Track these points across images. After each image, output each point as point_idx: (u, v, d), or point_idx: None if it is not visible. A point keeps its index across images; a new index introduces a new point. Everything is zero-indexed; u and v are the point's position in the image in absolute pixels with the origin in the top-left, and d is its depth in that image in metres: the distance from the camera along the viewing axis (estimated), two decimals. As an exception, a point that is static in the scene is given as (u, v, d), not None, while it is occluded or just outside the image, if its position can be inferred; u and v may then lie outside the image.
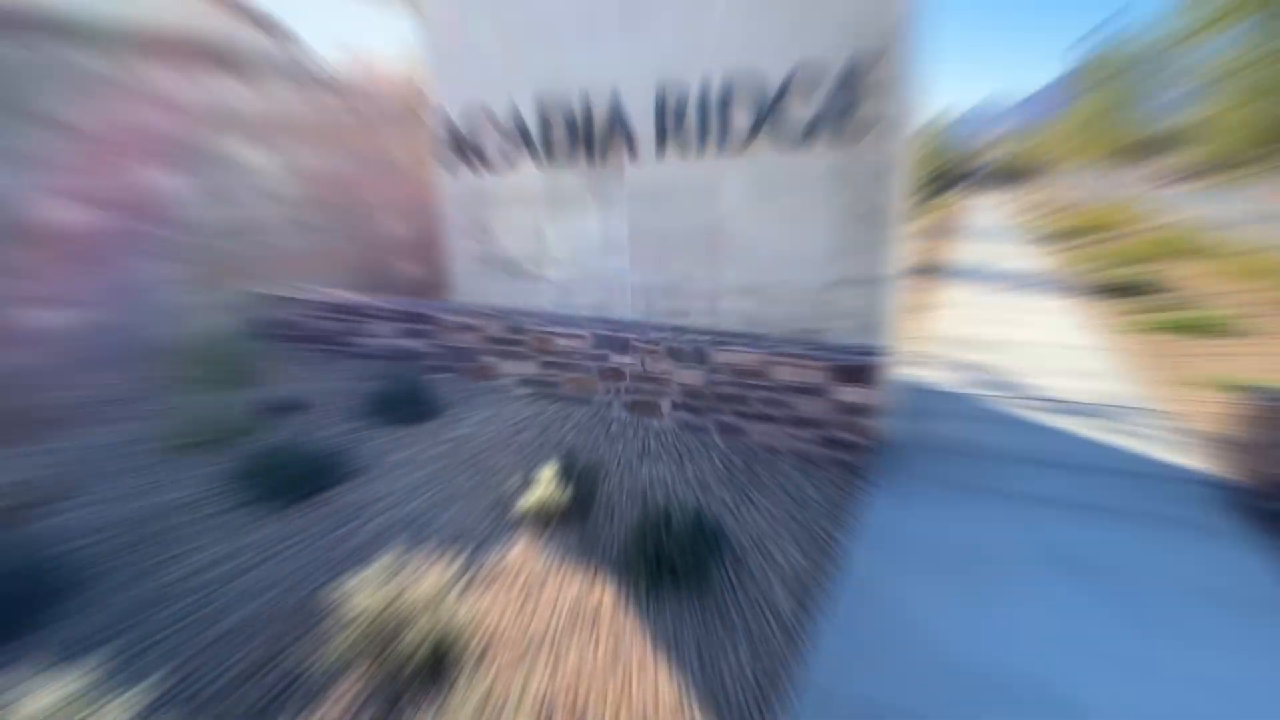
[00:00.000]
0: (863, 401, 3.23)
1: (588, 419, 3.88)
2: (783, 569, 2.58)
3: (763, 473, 3.32)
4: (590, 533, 2.80)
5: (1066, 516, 2.87)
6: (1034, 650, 2.09)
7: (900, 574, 2.52)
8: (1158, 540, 2.66)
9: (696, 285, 4.01)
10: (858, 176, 3.44)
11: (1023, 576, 2.47)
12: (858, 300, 3.55)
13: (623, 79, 3.95)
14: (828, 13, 3.32)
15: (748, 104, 3.62)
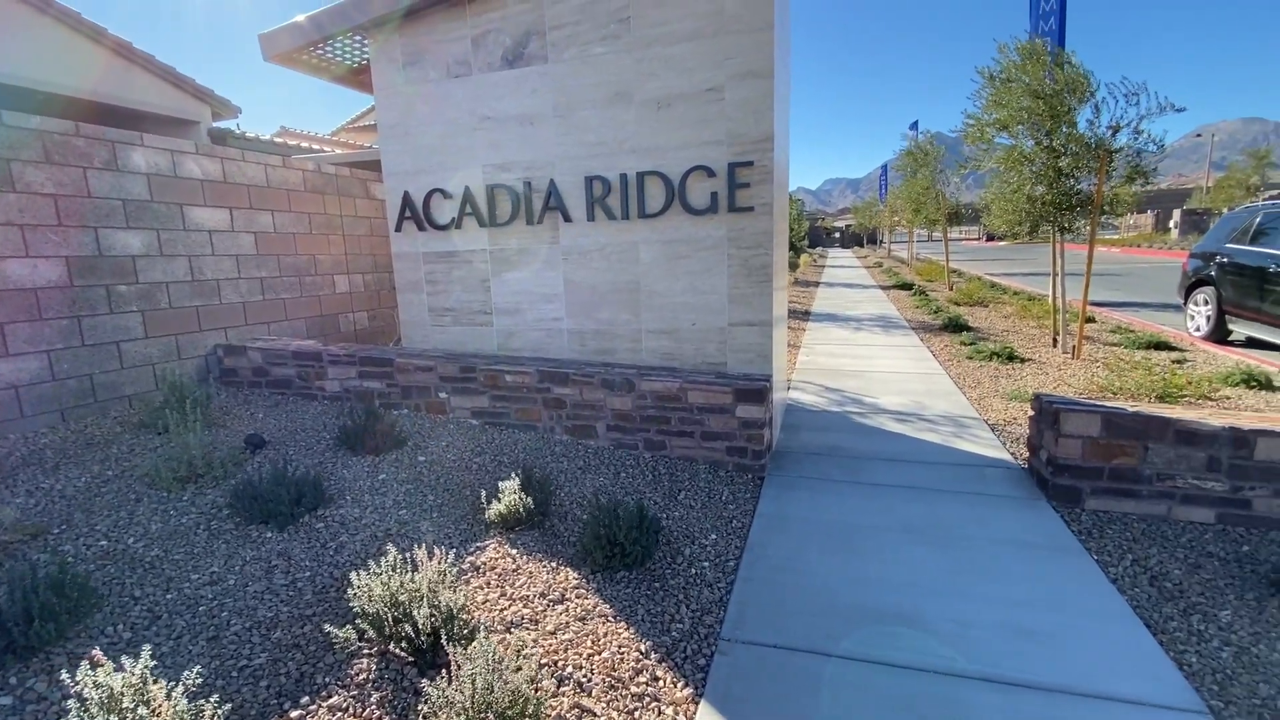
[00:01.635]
0: (758, 417, 3.69)
1: (535, 442, 4.11)
2: (706, 548, 2.93)
3: (684, 478, 3.68)
4: (550, 532, 3.04)
5: (915, 498, 3.42)
6: (897, 591, 2.54)
7: (794, 546, 2.93)
8: (980, 509, 3.24)
9: (622, 328, 4.38)
10: (747, 241, 3.97)
11: (885, 542, 2.95)
12: (751, 338, 4.04)
13: (558, 167, 4.34)
14: (715, 127, 3.90)
15: (660, 186, 4.10)
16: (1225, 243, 7.72)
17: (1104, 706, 1.89)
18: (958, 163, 10.36)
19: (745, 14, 3.76)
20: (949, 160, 13.57)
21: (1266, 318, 6.81)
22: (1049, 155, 6.18)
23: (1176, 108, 5.57)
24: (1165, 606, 2.39)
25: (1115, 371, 5.75)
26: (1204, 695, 1.94)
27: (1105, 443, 3.11)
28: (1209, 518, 3.01)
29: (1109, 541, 2.87)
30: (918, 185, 14.61)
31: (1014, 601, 2.43)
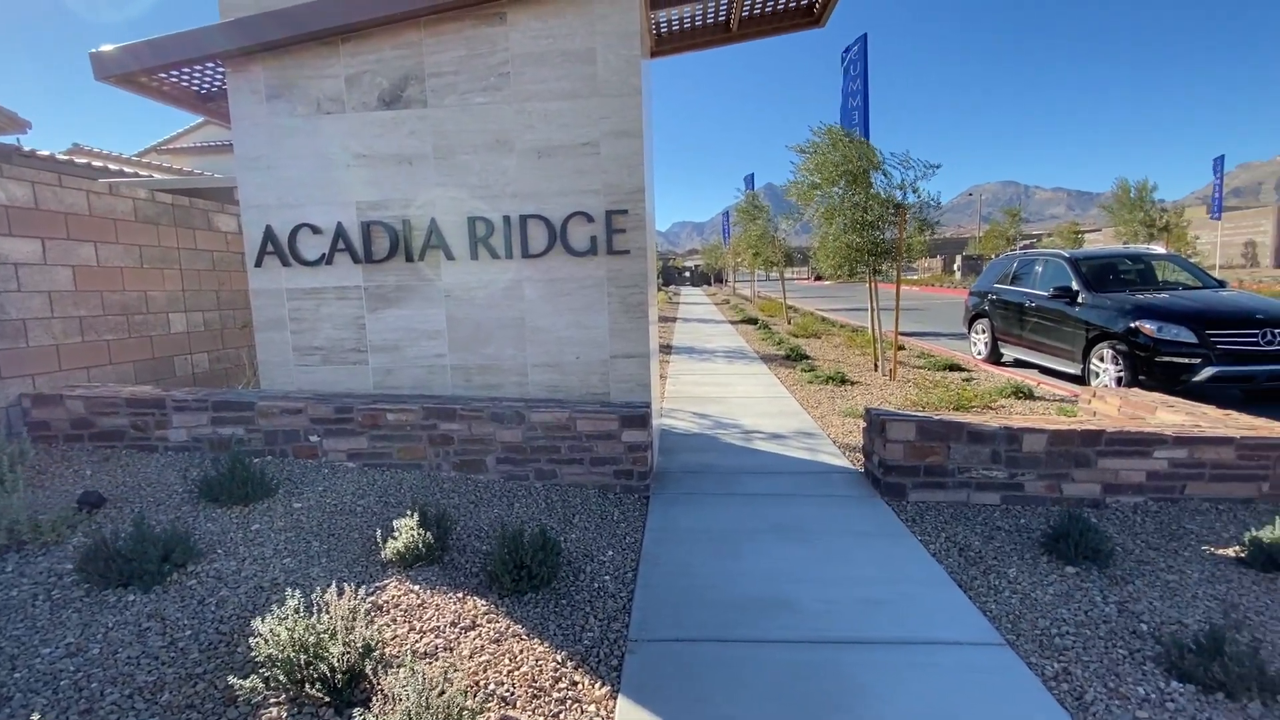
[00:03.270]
0: (642, 441, 4.02)
1: (421, 481, 4.08)
2: (605, 564, 3.15)
3: (576, 503, 3.88)
4: (451, 566, 3.08)
5: (779, 503, 3.92)
6: (773, 581, 2.94)
7: (683, 553, 3.25)
8: (831, 509, 3.80)
9: (508, 363, 4.52)
10: (624, 281, 4.35)
11: (759, 542, 3.37)
12: (631, 369, 4.39)
13: (439, 207, 4.43)
14: (593, 178, 4.28)
15: (542, 229, 4.36)
16: (994, 283, 9.61)
17: (933, 649, 2.40)
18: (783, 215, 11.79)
19: (615, 80, 4.20)
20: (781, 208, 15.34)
21: (1026, 343, 8.57)
22: (857, 210, 7.39)
23: (933, 164, 7.00)
24: (970, 570, 3.03)
25: (922, 389, 6.91)
26: (1001, 631, 2.52)
27: (920, 445, 3.84)
28: (996, 500, 3.83)
29: (928, 525, 3.54)
30: (755, 232, 16.29)
31: (863, 580, 2.94)
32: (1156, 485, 3.75)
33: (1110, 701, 2.09)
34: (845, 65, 8.76)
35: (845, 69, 8.76)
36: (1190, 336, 6.24)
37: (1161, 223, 20.56)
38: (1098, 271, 7.94)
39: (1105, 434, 3.74)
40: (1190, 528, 3.44)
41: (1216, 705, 2.06)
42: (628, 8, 4.17)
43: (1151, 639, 2.42)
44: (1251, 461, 3.73)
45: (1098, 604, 2.70)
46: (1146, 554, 3.15)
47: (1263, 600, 2.71)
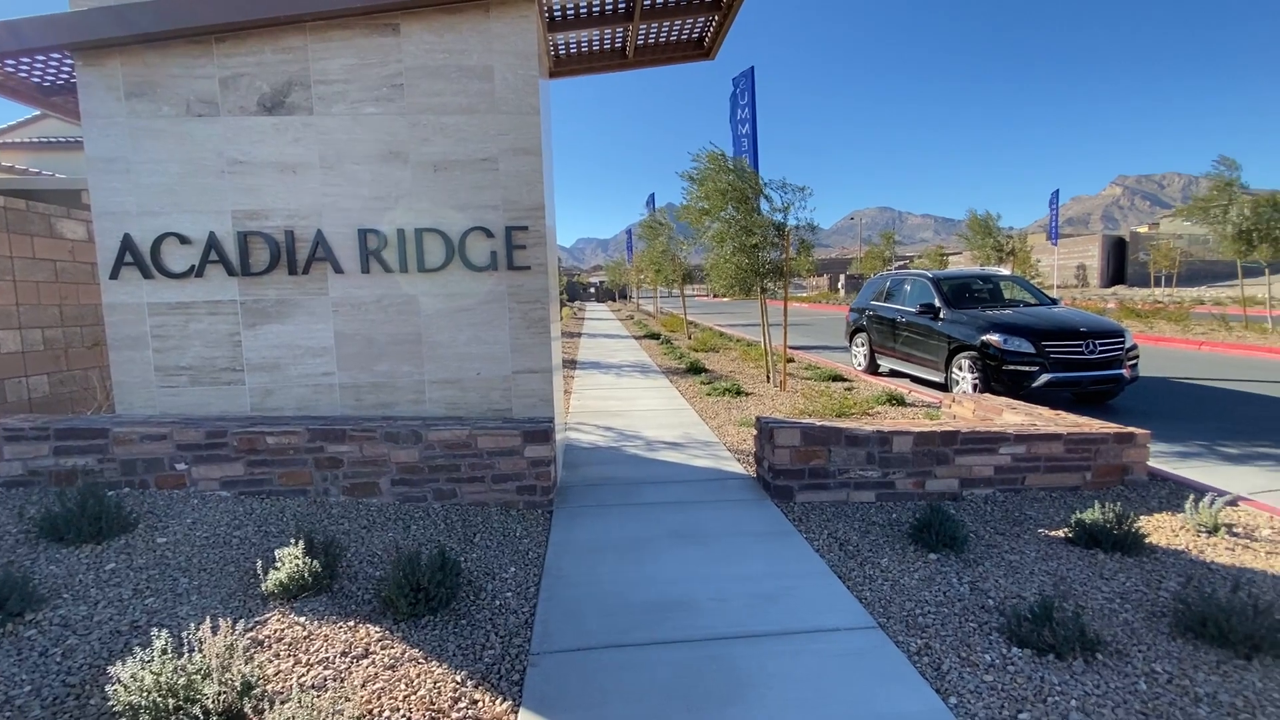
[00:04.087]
0: (545, 456, 4.03)
1: (307, 508, 3.85)
2: (507, 581, 3.13)
3: (478, 522, 3.82)
4: (341, 594, 2.94)
5: (679, 510, 4.06)
6: (672, 585, 3.05)
7: (587, 564, 3.30)
8: (726, 512, 3.99)
9: (404, 380, 4.37)
10: (526, 296, 4.36)
11: (659, 548, 3.48)
12: (534, 384, 4.39)
13: (326, 218, 4.24)
14: (492, 193, 4.27)
15: (439, 243, 4.29)
16: (870, 301, 10.47)
17: (815, 637, 2.60)
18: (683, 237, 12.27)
19: (513, 98, 4.24)
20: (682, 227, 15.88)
21: (898, 355, 9.40)
22: (744, 234, 7.84)
23: (801, 187, 7.61)
24: (849, 562, 3.30)
25: (809, 398, 7.40)
26: (874, 616, 2.77)
27: (804, 449, 4.13)
28: (871, 497, 4.18)
29: (813, 523, 3.81)
30: (656, 250, 16.74)
31: (754, 577, 3.12)
32: (1003, 478, 4.26)
33: (963, 669, 2.37)
34: (734, 96, 9.30)
35: (734, 99, 9.30)
36: (1030, 348, 7.14)
37: (1009, 247, 23.36)
38: (956, 290, 8.90)
39: (960, 434, 4.21)
40: (1030, 514, 3.93)
41: (1048, 665, 2.39)
42: (525, 29, 4.24)
43: (997, 612, 2.75)
44: (1077, 454, 4.33)
45: (954, 585, 3.03)
46: (994, 538, 3.57)
47: (1085, 573, 3.16)
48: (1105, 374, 7.11)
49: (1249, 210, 12.74)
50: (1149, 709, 2.14)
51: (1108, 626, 2.64)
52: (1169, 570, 3.15)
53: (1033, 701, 2.18)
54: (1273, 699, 2.19)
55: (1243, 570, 3.16)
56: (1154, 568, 3.19)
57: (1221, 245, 13.67)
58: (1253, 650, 2.42)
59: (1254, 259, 13.26)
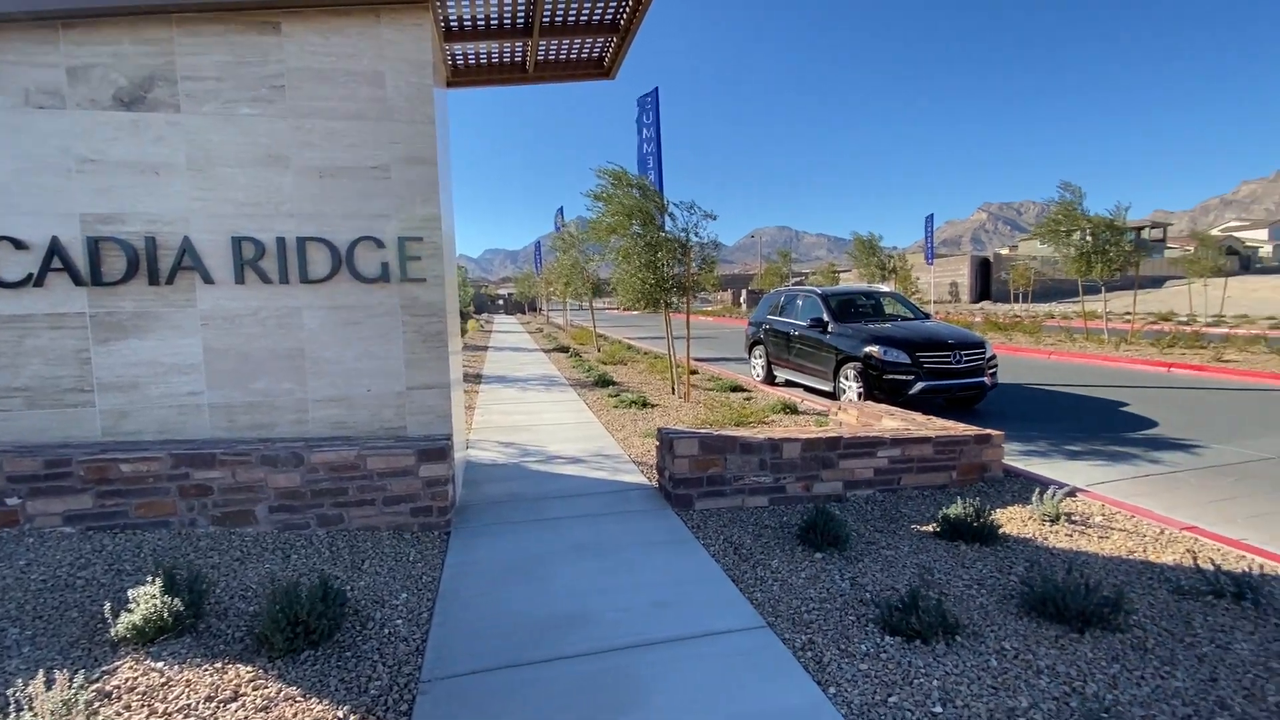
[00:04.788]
0: (442, 475, 3.90)
1: (169, 541, 3.50)
2: (398, 608, 2.99)
3: (367, 547, 3.63)
4: (209, 634, 2.69)
5: (582, 524, 4.05)
6: (573, 598, 3.04)
7: (485, 584, 3.22)
8: (628, 523, 4.03)
9: (284, 399, 4.08)
10: (421, 309, 4.21)
11: (561, 563, 3.45)
12: (430, 400, 4.24)
13: (195, 224, 3.91)
14: (383, 202, 4.11)
15: (325, 253, 4.07)
16: (767, 315, 10.98)
17: (709, 640, 2.68)
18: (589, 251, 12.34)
19: (407, 106, 4.12)
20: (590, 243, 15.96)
21: (792, 365, 9.91)
22: (649, 250, 8.03)
23: (710, 213, 7.91)
24: (742, 565, 3.43)
25: (710, 408, 7.64)
26: (764, 616, 2.89)
27: (702, 458, 4.26)
28: (765, 502, 4.37)
29: (710, 530, 3.93)
30: (566, 263, 16.72)
31: (653, 585, 3.17)
32: (881, 479, 4.60)
33: (841, 660, 2.52)
34: (639, 115, 9.52)
35: (639, 119, 9.52)
36: (906, 359, 7.77)
37: (891, 266, 25.34)
38: (842, 306, 9.53)
39: (843, 440, 4.50)
40: (905, 511, 4.26)
41: (915, 650, 2.60)
42: (419, 37, 4.14)
43: (873, 605, 2.96)
44: (944, 455, 4.75)
45: (837, 581, 3.23)
46: (873, 536, 3.84)
47: (949, 563, 3.46)
48: (970, 381, 7.87)
49: (1090, 235, 14.55)
50: (999, 683, 2.38)
51: (966, 611, 2.91)
52: (1018, 557, 3.52)
53: (901, 685, 2.36)
54: (1100, 666, 2.50)
55: (1078, 553, 3.59)
56: (1006, 555, 3.55)
57: (1066, 265, 15.52)
58: (1084, 624, 2.75)
59: (1092, 278, 15.14)
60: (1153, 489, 4.99)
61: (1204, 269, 22.34)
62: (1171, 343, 14.25)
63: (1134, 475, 5.35)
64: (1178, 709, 2.24)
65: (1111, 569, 3.37)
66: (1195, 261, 23.09)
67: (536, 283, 34.73)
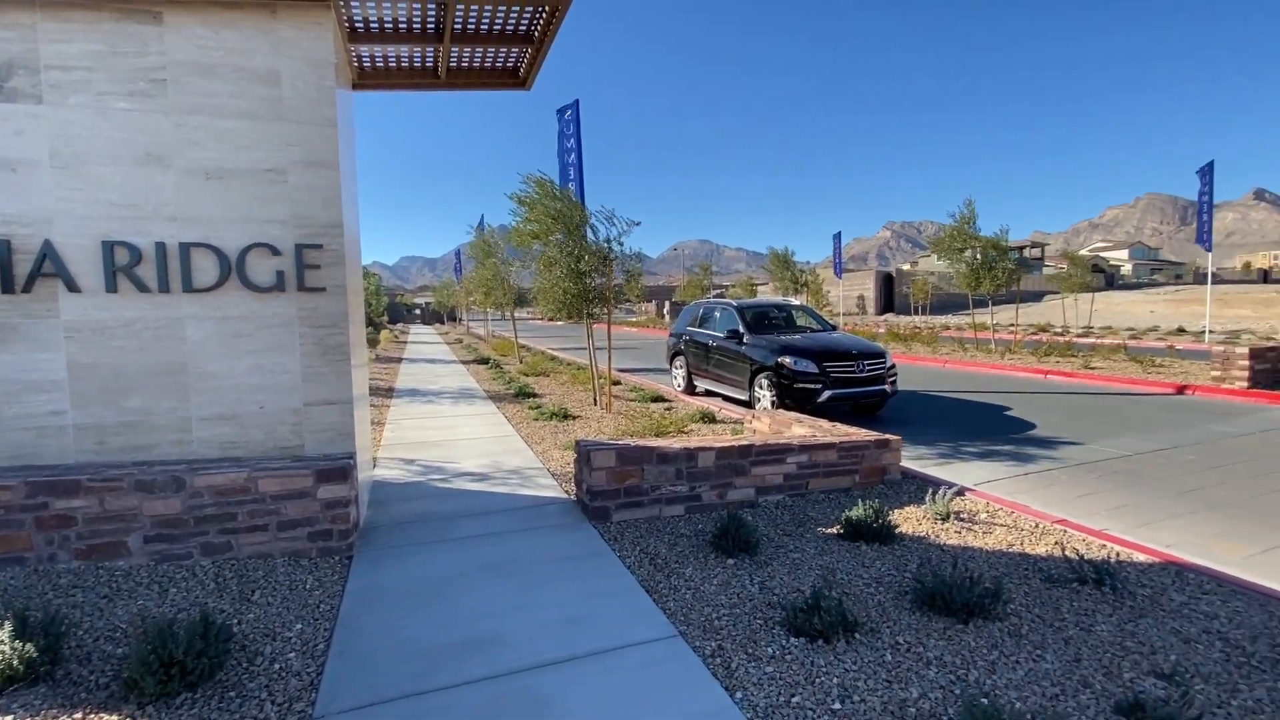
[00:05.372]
0: (343, 496, 3.69)
1: (23, 580, 3.12)
2: (291, 641, 2.79)
3: (258, 576, 3.37)
4: (69, 681, 2.41)
5: (494, 542, 3.94)
6: (482, 620, 2.95)
7: (388, 611, 3.06)
8: (542, 539, 3.96)
9: (164, 418, 3.74)
10: (321, 320, 3.98)
11: (471, 584, 3.34)
12: (331, 417, 4.01)
13: (59, 226, 3.53)
14: (279, 207, 3.87)
15: (212, 260, 3.78)
16: (687, 326, 11.19)
17: (621, 653, 2.67)
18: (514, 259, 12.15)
19: (306, 107, 3.92)
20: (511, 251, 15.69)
21: (711, 375, 10.14)
22: (570, 259, 8.01)
23: (632, 220, 8.00)
24: (657, 575, 3.45)
25: (631, 419, 7.69)
26: (676, 625, 2.92)
27: (620, 470, 4.26)
28: (681, 511, 4.43)
29: (627, 541, 3.93)
30: (486, 272, 16.36)
31: (566, 601, 3.13)
32: (790, 484, 4.77)
33: (749, 665, 2.58)
34: (561, 127, 9.51)
35: (561, 131, 9.51)
36: (815, 368, 8.13)
37: (803, 280, 26.52)
38: (757, 318, 9.87)
39: (755, 447, 4.64)
40: (812, 514, 4.44)
41: (818, 650, 2.70)
42: (319, 35, 3.95)
43: (780, 608, 3.05)
44: (848, 460, 4.99)
45: (747, 586, 3.31)
46: (782, 540, 3.97)
47: (851, 563, 3.63)
48: (872, 389, 8.34)
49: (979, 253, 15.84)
50: (892, 676, 2.51)
51: (865, 609, 3.06)
52: (912, 554, 3.74)
53: (804, 685, 2.44)
54: (981, 654, 2.69)
55: (965, 549, 3.86)
56: (902, 553, 3.76)
57: (959, 280, 16.79)
58: (969, 615, 2.95)
59: (981, 292, 16.46)
60: (1031, 486, 5.45)
61: (1074, 285, 24.82)
62: (1048, 352, 15.69)
63: (1015, 474, 5.83)
64: (1047, 689, 2.44)
65: (993, 562, 3.65)
66: (1067, 278, 25.62)
67: (456, 292, 33.76)
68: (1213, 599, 3.17)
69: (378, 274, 50.42)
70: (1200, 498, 5.08)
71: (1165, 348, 17.37)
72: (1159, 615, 3.01)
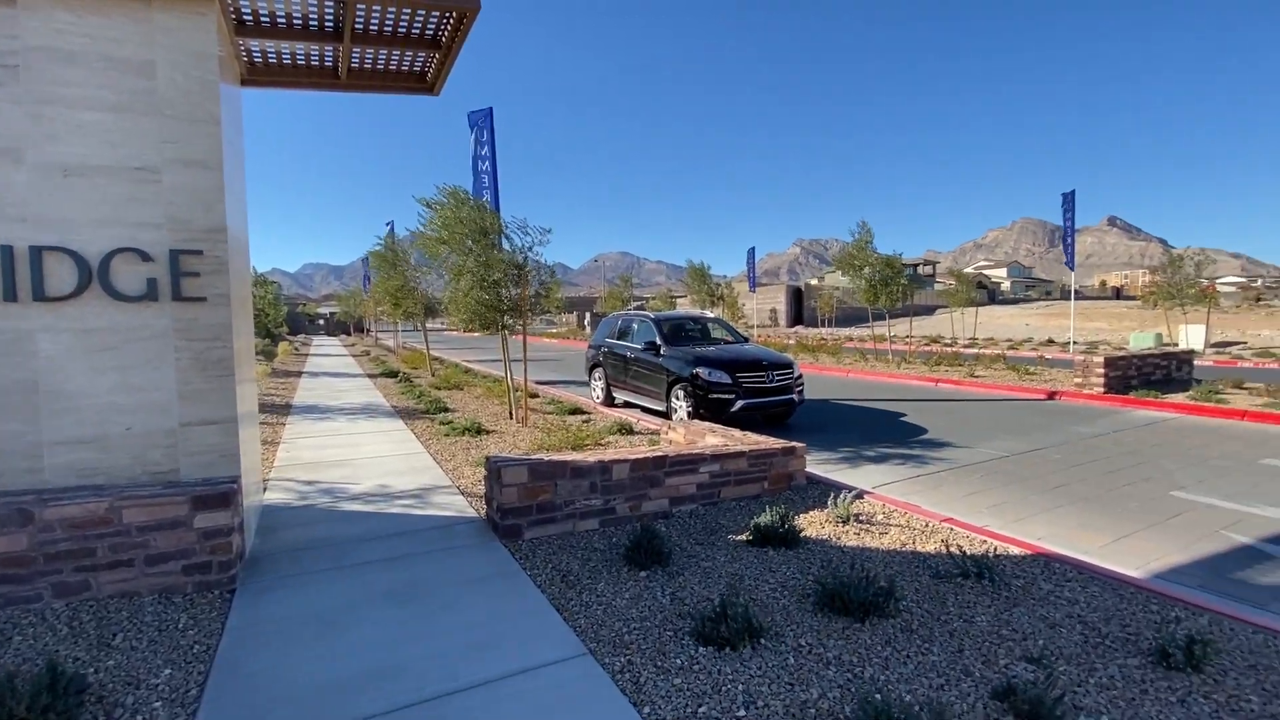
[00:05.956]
0: (224, 525, 3.39)
1: None
2: (158, 688, 2.52)
3: (122, 618, 3.03)
4: None
5: (396, 567, 3.74)
6: (382, 651, 2.78)
7: (274, 648, 2.83)
8: (449, 561, 3.80)
9: (10, 444, 3.27)
10: (201, 333, 3.66)
11: (369, 613, 3.15)
12: (212, 438, 3.67)
13: None
14: (152, 210, 3.54)
15: (70, 266, 3.38)
16: (606, 338, 11.21)
17: (529, 675, 2.60)
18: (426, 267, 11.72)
19: (184, 102, 3.62)
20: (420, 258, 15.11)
21: (629, 387, 10.19)
22: (482, 268, 7.84)
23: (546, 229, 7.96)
24: (569, 592, 3.40)
25: (548, 432, 7.58)
26: (586, 643, 2.87)
27: (532, 486, 4.18)
28: (595, 525, 4.40)
29: (539, 559, 3.85)
30: (395, 281, 15.68)
31: (473, 625, 3.02)
32: (704, 494, 4.86)
33: (658, 678, 2.59)
34: (474, 135, 9.30)
35: (475, 139, 9.30)
36: (727, 379, 8.36)
37: (719, 293, 27.35)
38: (673, 330, 10.04)
39: (669, 458, 4.69)
40: (723, 522, 4.53)
41: (725, 658, 2.74)
42: (201, 26, 3.67)
43: (690, 618, 3.08)
44: (757, 467, 5.15)
45: (658, 598, 3.32)
46: (694, 549, 4.03)
47: (758, 569, 3.73)
48: (781, 399, 8.67)
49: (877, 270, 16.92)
50: (794, 679, 2.59)
51: (770, 613, 3.15)
52: (816, 557, 3.89)
53: (711, 695, 2.47)
54: (876, 650, 2.83)
55: (863, 550, 4.06)
56: (807, 557, 3.91)
57: (859, 295, 17.85)
58: (865, 614, 3.10)
59: (880, 306, 17.57)
60: (923, 487, 5.84)
61: (961, 300, 27.01)
62: (938, 362, 16.96)
63: (909, 476, 6.23)
64: (933, 680, 2.60)
65: (888, 561, 3.86)
66: (955, 294, 27.85)
67: (364, 301, 32.14)
68: (1074, 586, 3.51)
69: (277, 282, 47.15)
70: (1065, 493, 5.63)
71: (1037, 357, 19.20)
72: (1030, 604, 3.29)
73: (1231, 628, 3.05)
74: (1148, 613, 3.19)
